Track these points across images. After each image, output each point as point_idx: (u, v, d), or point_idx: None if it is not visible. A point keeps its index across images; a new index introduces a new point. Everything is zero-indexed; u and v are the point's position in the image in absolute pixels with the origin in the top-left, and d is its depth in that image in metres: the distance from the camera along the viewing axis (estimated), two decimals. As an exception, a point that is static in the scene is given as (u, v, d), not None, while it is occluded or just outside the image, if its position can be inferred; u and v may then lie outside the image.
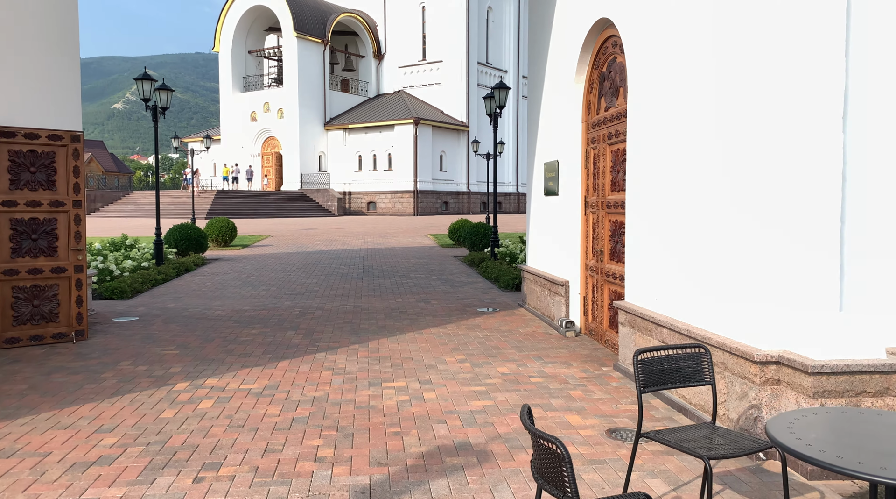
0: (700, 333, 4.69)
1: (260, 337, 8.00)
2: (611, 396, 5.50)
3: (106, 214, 50.34)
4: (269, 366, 6.60)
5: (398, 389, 5.76)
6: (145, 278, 12.36)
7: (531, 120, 9.81)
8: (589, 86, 7.68)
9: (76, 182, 7.66)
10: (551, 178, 8.68)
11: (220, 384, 5.95)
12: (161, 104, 14.88)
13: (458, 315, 9.45)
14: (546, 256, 9.02)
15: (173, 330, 8.45)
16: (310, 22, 54.82)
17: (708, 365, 3.39)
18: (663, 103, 5.42)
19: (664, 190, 5.41)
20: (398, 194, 53.42)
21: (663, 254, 5.43)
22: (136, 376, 6.24)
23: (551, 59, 8.66)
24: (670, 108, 5.31)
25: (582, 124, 7.86)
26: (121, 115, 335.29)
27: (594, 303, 7.57)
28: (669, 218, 5.32)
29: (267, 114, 56.32)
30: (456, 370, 6.36)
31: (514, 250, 14.82)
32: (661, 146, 5.46)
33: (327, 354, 7.08)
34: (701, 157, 4.84)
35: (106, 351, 7.26)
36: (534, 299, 9.49)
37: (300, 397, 5.56)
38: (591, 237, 7.62)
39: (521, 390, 5.69)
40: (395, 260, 17.70)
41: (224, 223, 21.40)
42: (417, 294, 11.55)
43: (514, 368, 6.44)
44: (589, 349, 7.19)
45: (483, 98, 15.37)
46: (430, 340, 7.79)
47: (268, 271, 15.06)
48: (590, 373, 6.22)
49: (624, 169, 6.69)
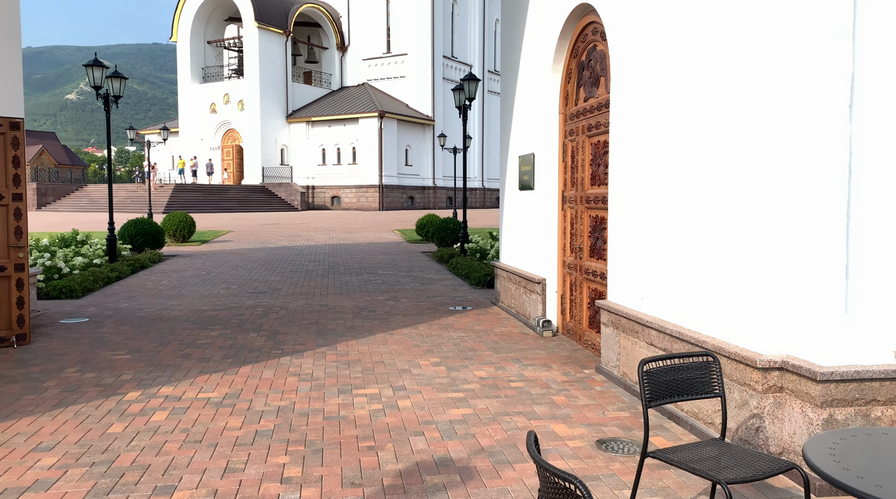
0: (693, 335, 4.42)
1: (220, 340, 7.51)
2: (596, 402, 5.20)
3: (58, 208, 48.56)
4: (230, 372, 6.15)
5: (370, 396, 5.37)
6: (97, 276, 11.70)
7: (504, 111, 9.48)
8: (567, 75, 7.37)
9: (16, 173, 7.06)
10: (526, 172, 8.36)
11: (176, 393, 5.48)
12: (114, 93, 14.14)
13: (429, 314, 9.09)
14: (521, 253, 8.72)
15: (126, 332, 7.90)
16: (271, 12, 53.65)
17: (717, 375, 3.10)
18: (651, 92, 5.13)
19: (651, 184, 5.13)
20: (363, 189, 52.75)
21: (650, 251, 5.15)
22: (83, 384, 5.73)
23: (526, 47, 8.33)
24: (659, 98, 5.02)
25: (559, 116, 7.55)
26: (74, 106, 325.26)
27: (572, 301, 7.29)
28: (658, 213, 5.04)
29: (227, 106, 54.99)
30: (431, 375, 6.00)
31: (485, 246, 14.51)
32: (649, 138, 5.18)
33: (292, 359, 6.65)
34: (694, 149, 4.56)
35: (50, 357, 6.70)
36: (508, 297, 9.18)
37: (264, 406, 5.13)
38: (570, 233, 7.33)
39: (501, 396, 5.35)
40: (361, 256, 17.24)
41: (182, 218, 20.63)
42: (386, 292, 11.15)
43: (492, 371, 6.10)
44: (568, 350, 6.90)
45: (452, 90, 15.01)
46: (401, 341, 7.41)
47: (228, 268, 14.47)
48: (571, 376, 5.93)
49: (605, 162, 6.41)
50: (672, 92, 4.84)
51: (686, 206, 4.65)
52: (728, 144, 4.19)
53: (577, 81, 7.12)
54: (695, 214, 4.55)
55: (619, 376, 5.63)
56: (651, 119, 5.15)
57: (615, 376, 5.67)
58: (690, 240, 4.59)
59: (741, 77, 4.07)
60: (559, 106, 7.54)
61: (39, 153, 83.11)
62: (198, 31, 56.11)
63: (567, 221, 7.41)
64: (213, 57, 57.84)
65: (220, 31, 58.15)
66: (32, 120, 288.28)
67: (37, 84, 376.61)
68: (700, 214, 4.48)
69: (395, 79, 58.36)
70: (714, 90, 4.33)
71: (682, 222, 4.70)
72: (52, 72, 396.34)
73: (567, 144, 7.38)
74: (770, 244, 3.83)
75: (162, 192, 44.84)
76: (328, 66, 60.64)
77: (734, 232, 4.12)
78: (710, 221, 4.36)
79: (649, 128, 5.17)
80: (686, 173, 4.66)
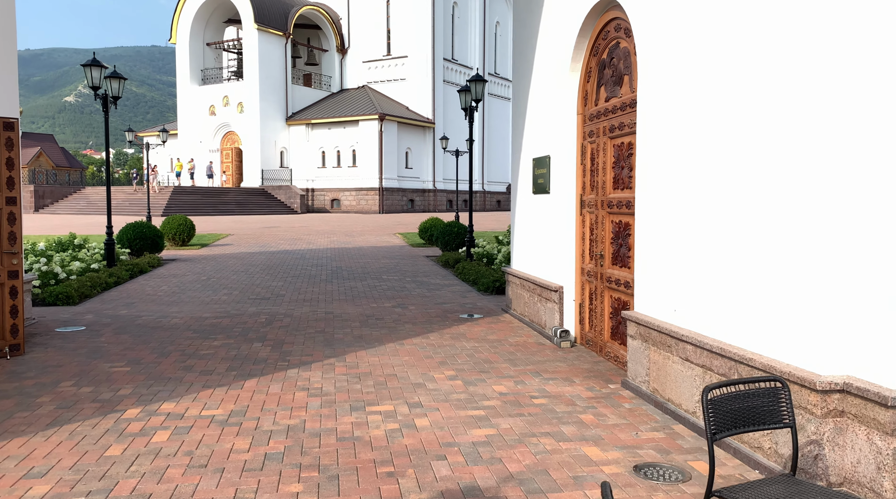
0: (737, 352, 4.10)
1: (223, 350, 7.18)
2: (626, 421, 4.88)
3: (56, 211, 48.21)
4: (235, 386, 5.82)
5: (385, 414, 5.04)
6: (95, 282, 11.36)
7: (517, 112, 9.17)
8: (586, 74, 7.06)
9: (10, 176, 6.73)
10: (541, 175, 8.05)
11: (178, 410, 5.14)
12: (112, 94, 13.81)
13: (439, 322, 8.76)
14: (535, 259, 8.40)
15: (124, 342, 7.57)
16: (271, 14, 53.38)
17: (787, 404, 2.78)
18: (689, 89, 4.81)
19: (687, 187, 4.81)
20: (363, 192, 52.44)
21: (685, 260, 4.83)
22: (79, 400, 5.39)
23: (541, 46, 8.02)
24: (695, 95, 4.70)
25: (577, 117, 7.24)
26: (73, 108, 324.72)
27: (592, 311, 6.96)
28: (695, 220, 4.72)
29: (226, 108, 54.67)
30: (447, 390, 5.67)
31: (492, 251, 14.19)
32: (683, 138, 4.86)
33: (300, 371, 6.32)
34: (737, 148, 4.24)
35: (45, 369, 6.37)
36: (520, 305, 8.86)
37: (272, 425, 4.80)
38: (589, 239, 7.01)
39: (524, 414, 5.02)
40: (364, 260, 16.91)
41: (182, 221, 20.29)
42: (393, 298, 10.82)
43: (511, 386, 5.78)
44: (589, 362, 6.57)
45: (458, 92, 14.71)
46: (413, 352, 7.09)
47: (229, 273, 14.14)
48: (597, 392, 5.60)
49: (630, 165, 6.09)
50: (715, 87, 4.52)
51: (729, 212, 4.33)
52: (777, 138, 3.87)
53: (598, 80, 6.81)
54: (739, 219, 4.23)
55: (648, 391, 5.30)
56: (684, 119, 4.83)
57: (644, 392, 5.35)
58: (734, 247, 4.27)
59: (796, 65, 3.75)
60: (577, 106, 7.23)
61: (37, 155, 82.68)
62: (197, 33, 55.80)
63: (586, 226, 7.09)
64: (212, 59, 57.53)
65: (219, 32, 57.85)
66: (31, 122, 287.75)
67: (35, 86, 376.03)
68: (745, 220, 4.16)
69: (395, 81, 58.08)
70: (759, 82, 4.02)
71: (725, 229, 4.38)
72: (51, 74, 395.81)
73: (586, 146, 7.07)
74: (828, 247, 3.51)
75: (161, 194, 44.50)
76: (328, 68, 60.36)
77: (785, 237, 3.80)
78: (757, 227, 4.04)
79: (686, 127, 4.85)
80: (728, 178, 4.34)
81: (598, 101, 6.83)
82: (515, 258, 9.34)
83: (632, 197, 6.02)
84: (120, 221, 31.31)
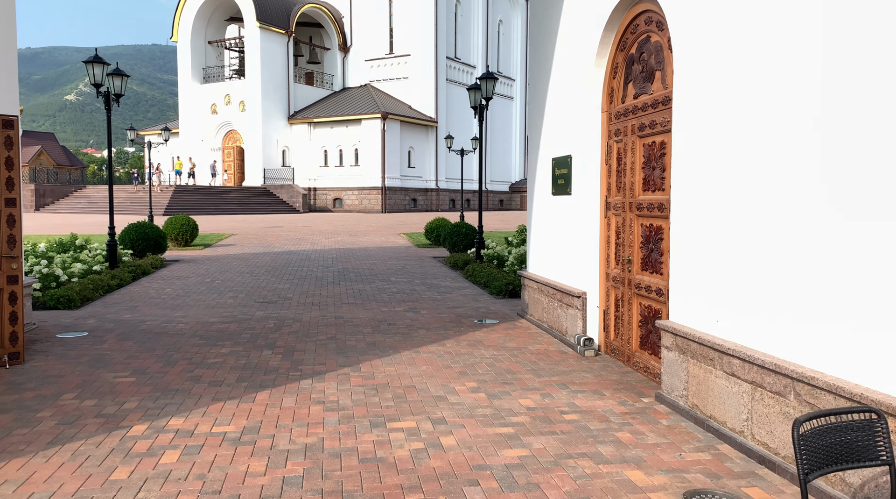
0: (795, 369, 3.79)
1: (232, 358, 6.87)
2: (667, 439, 4.57)
3: (56, 210, 47.94)
4: (246, 398, 5.51)
5: (408, 432, 4.73)
6: (97, 284, 11.06)
7: (534, 111, 8.86)
8: (612, 70, 6.75)
9: (9, 176, 6.42)
10: (562, 175, 7.74)
11: (188, 426, 4.84)
12: (115, 91, 13.50)
13: (454, 328, 8.45)
14: (554, 263, 8.08)
15: (128, 349, 7.26)
16: (273, 12, 53.06)
17: (883, 437, 2.47)
18: (733, 83, 4.49)
19: (735, 188, 4.49)
20: (365, 191, 52.14)
21: (730, 267, 4.51)
22: (82, 414, 5.09)
23: (562, 42, 7.71)
24: (745, 88, 4.38)
25: (602, 114, 6.92)
26: (74, 107, 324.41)
27: (618, 318, 6.65)
28: (743, 223, 4.40)
29: (228, 106, 54.38)
30: (471, 404, 5.36)
31: (502, 252, 13.88)
32: (732, 135, 4.54)
33: (314, 382, 6.01)
34: (799, 142, 3.93)
35: (45, 379, 6.06)
36: (538, 310, 8.54)
37: (289, 444, 4.50)
38: (615, 243, 6.70)
39: (557, 431, 4.71)
40: (371, 262, 16.60)
41: (184, 221, 19.99)
42: (403, 302, 10.51)
43: (538, 399, 5.46)
44: (617, 373, 6.26)
45: (468, 89, 14.39)
46: (430, 361, 6.78)
47: (234, 275, 13.83)
48: (630, 406, 5.29)
49: (662, 165, 5.78)
50: (771, 77, 4.20)
51: (780, 216, 4.02)
52: (847, 131, 3.56)
53: (625, 77, 6.49)
54: (795, 225, 3.91)
55: (686, 407, 4.99)
56: (738, 112, 4.51)
57: (682, 408, 5.03)
58: (791, 255, 3.96)
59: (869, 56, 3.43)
60: (602, 104, 6.91)
61: (38, 154, 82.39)
62: (198, 31, 55.49)
63: (611, 229, 6.77)
64: (213, 57, 57.23)
65: (220, 31, 57.55)
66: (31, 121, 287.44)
67: (36, 85, 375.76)
68: (804, 225, 3.85)
69: (397, 80, 57.77)
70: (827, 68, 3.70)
71: (784, 235, 4.06)
72: (52, 72, 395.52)
73: (612, 146, 6.75)
74: None
75: (162, 194, 44.21)
76: (330, 66, 60.05)
77: (858, 240, 3.49)
78: (825, 233, 3.73)
79: (736, 122, 4.53)
80: (783, 173, 4.02)
81: (625, 98, 6.51)
82: (532, 261, 9.03)
83: (665, 199, 5.71)
84: (121, 220, 31.05)
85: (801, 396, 3.78)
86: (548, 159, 8.24)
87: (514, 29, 67.75)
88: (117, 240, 15.88)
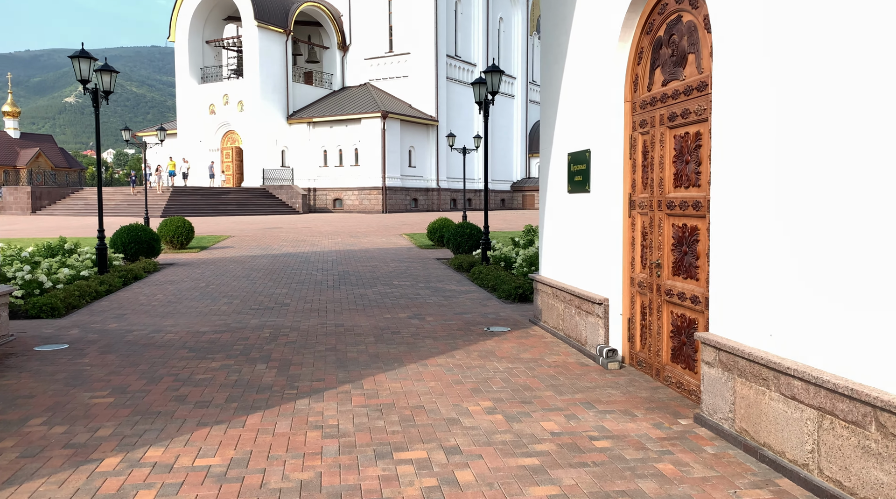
0: (882, 397, 3.19)
1: (222, 374, 6.28)
2: (716, 472, 3.97)
3: (53, 212, 47.38)
4: (235, 423, 4.92)
5: (418, 464, 4.13)
6: (83, 291, 10.46)
7: (547, 103, 8.26)
8: (636, 56, 6.15)
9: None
10: (579, 171, 7.14)
11: (167, 459, 4.24)
12: (104, 88, 12.91)
13: (462, 337, 7.86)
14: (571, 266, 7.49)
15: (110, 364, 6.67)
16: (271, 11, 52.48)
17: None
18: (794, 61, 3.89)
19: (799, 181, 3.90)
20: (366, 191, 51.56)
21: (791, 272, 3.92)
22: (48, 444, 4.50)
23: (578, 27, 7.11)
24: (810, 66, 3.78)
25: (625, 104, 6.33)
26: (73, 109, 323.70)
27: (645, 328, 6.05)
28: (810, 220, 3.81)
29: (226, 106, 53.82)
30: (488, 427, 4.76)
31: (509, 254, 13.28)
32: (800, 118, 3.95)
33: (311, 402, 5.41)
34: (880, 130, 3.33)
35: (14, 401, 5.47)
36: (553, 317, 7.95)
37: (282, 481, 3.90)
38: (641, 245, 6.11)
39: (588, 463, 4.11)
40: (372, 264, 16.01)
41: (180, 223, 19.40)
42: (407, 308, 9.92)
43: (563, 422, 4.87)
44: (646, 389, 5.66)
45: (472, 84, 13.80)
46: (438, 375, 6.18)
47: (229, 279, 13.24)
48: (667, 429, 4.69)
49: (697, 158, 5.18)
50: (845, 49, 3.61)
51: (873, 212, 3.42)
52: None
53: (651, 62, 5.90)
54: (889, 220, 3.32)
55: (733, 432, 4.40)
56: (804, 95, 3.92)
57: (728, 432, 4.44)
58: (886, 257, 3.36)
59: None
60: (625, 93, 6.32)
61: (36, 156, 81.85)
62: (196, 31, 54.91)
63: (637, 230, 6.18)
64: (211, 57, 56.66)
65: (218, 30, 56.98)
66: (31, 123, 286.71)
67: (35, 87, 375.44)
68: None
69: (397, 78, 57.20)
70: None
71: (867, 234, 3.47)
72: (51, 75, 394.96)
73: (636, 138, 6.16)
74: None
75: (160, 195, 43.64)
76: (329, 65, 59.47)
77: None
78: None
79: (801, 106, 3.94)
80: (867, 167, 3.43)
81: (651, 86, 5.92)
82: (546, 265, 8.43)
83: (701, 196, 5.11)
84: (118, 222, 30.46)
85: (885, 428, 3.19)
86: (563, 154, 7.65)
87: (515, 26, 67.15)
88: (108, 244, 15.30)
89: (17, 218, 43.52)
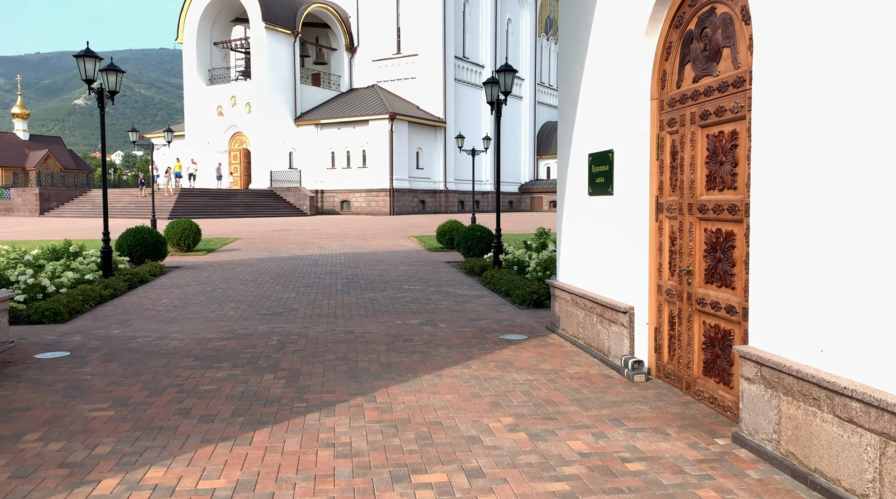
0: (955, 423, 2.86)
1: (228, 384, 5.99)
2: (763, 499, 3.65)
3: (61, 214, 47.39)
4: (242, 440, 4.62)
5: (438, 489, 3.83)
6: (87, 295, 10.21)
7: (565, 102, 7.95)
8: (664, 51, 5.84)
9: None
10: (601, 173, 6.83)
11: (168, 480, 3.95)
12: (109, 88, 12.68)
13: (478, 345, 7.55)
14: (592, 272, 7.17)
15: (112, 373, 6.40)
16: (279, 12, 52.36)
17: None
18: (848, 51, 3.57)
19: (854, 183, 3.58)
20: (373, 193, 51.33)
21: (848, 280, 3.59)
22: (43, 463, 4.21)
23: (600, 20, 6.80)
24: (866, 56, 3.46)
25: (652, 102, 6.01)
26: (82, 111, 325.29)
27: (674, 338, 5.73)
28: (869, 227, 3.49)
29: (234, 108, 53.73)
30: (511, 447, 4.45)
31: (522, 258, 12.95)
32: (855, 117, 3.63)
33: (321, 417, 5.11)
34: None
35: (9, 414, 5.19)
36: (573, 325, 7.63)
37: (290, 508, 3.60)
38: (669, 251, 5.78)
39: (623, 488, 3.80)
40: (381, 267, 15.72)
41: (186, 225, 19.17)
42: (419, 314, 9.61)
43: (591, 441, 4.55)
44: (677, 405, 5.33)
45: (483, 84, 13.51)
46: (455, 387, 5.87)
47: (237, 283, 12.98)
48: (704, 450, 4.37)
49: (733, 159, 4.86)
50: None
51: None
52: None
53: (681, 57, 5.58)
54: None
55: (778, 455, 4.07)
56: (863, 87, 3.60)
57: (771, 455, 4.11)
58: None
59: None
60: (651, 90, 6.00)
61: (45, 158, 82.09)
62: (204, 33, 54.87)
63: (664, 235, 5.86)
64: (219, 58, 56.61)
65: (226, 32, 56.93)
66: (41, 125, 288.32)
67: (45, 89, 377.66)
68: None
69: (405, 80, 56.98)
70: None
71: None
72: (60, 77, 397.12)
73: (664, 138, 5.84)
74: None
75: (168, 197, 43.54)
76: (337, 67, 59.31)
77: None
78: None
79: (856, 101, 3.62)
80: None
81: (680, 82, 5.60)
82: (564, 270, 8.11)
83: (738, 199, 4.79)
84: (126, 224, 30.30)
85: (964, 458, 2.86)
86: (583, 155, 7.34)
87: (523, 28, 66.84)
88: (114, 246, 15.08)
89: (25, 219, 43.50)
